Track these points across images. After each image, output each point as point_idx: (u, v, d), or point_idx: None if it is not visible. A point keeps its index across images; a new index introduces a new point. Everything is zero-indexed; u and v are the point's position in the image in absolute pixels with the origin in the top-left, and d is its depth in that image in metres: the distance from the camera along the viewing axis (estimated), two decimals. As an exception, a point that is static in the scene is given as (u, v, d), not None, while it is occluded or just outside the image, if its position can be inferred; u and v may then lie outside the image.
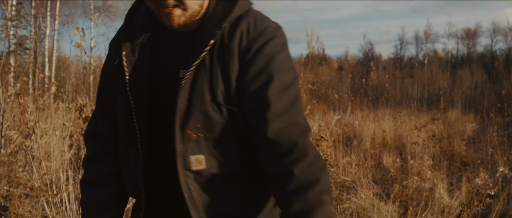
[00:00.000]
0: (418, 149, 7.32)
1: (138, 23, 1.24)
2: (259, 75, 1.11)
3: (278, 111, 1.10)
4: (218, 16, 1.17)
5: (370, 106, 17.97)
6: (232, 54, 1.13)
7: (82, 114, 5.10)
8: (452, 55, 44.01)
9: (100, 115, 1.33)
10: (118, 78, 1.21)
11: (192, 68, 1.11)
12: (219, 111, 1.13)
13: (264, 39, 1.14)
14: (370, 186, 5.35)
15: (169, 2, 1.11)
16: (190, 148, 1.14)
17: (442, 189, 4.70)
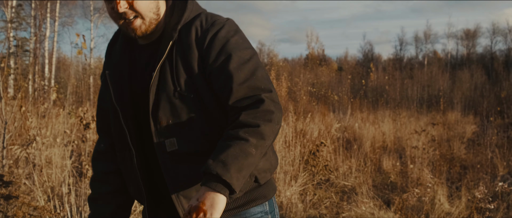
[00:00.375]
0: (418, 154, 7.33)
1: (117, 48, 1.50)
2: (219, 56, 1.32)
3: (241, 80, 1.30)
4: (173, 22, 1.40)
5: (370, 108, 17.98)
6: (190, 46, 1.35)
7: (83, 121, 5.12)
8: (452, 56, 44.04)
9: (100, 132, 1.60)
10: (106, 94, 1.48)
11: (157, 68, 1.34)
12: (181, 99, 1.34)
13: (216, 28, 1.36)
14: (370, 192, 5.36)
15: (128, 15, 1.35)
16: (162, 133, 1.35)
17: (442, 197, 4.71)
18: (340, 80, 30.28)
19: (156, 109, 1.35)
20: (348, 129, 11.19)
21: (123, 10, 1.34)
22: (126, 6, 1.34)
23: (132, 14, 1.35)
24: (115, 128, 1.46)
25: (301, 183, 5.77)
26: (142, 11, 1.36)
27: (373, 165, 7.74)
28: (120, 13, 1.34)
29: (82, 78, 19.66)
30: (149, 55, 1.43)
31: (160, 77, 1.35)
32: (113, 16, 1.37)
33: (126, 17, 1.35)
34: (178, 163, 1.36)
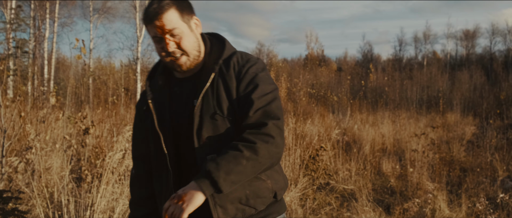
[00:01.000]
0: (418, 157, 7.32)
1: (157, 79, 1.74)
2: (248, 86, 1.60)
3: (257, 108, 1.56)
4: (214, 58, 1.68)
5: (369, 109, 17.97)
6: (231, 78, 1.62)
7: (83, 126, 5.10)
8: (451, 56, 44.05)
9: (135, 160, 1.84)
10: (148, 119, 1.71)
11: (201, 95, 1.60)
12: (222, 120, 1.59)
13: (249, 64, 1.65)
14: (370, 197, 5.35)
15: (176, 53, 1.62)
16: (204, 149, 1.58)
17: (442, 203, 4.70)
18: (340, 80, 30.29)
19: (200, 128, 1.59)
20: (348, 131, 11.19)
21: (172, 50, 1.60)
22: (175, 46, 1.61)
23: (179, 52, 1.62)
24: (155, 152, 1.70)
25: (301, 188, 5.77)
26: (188, 49, 1.63)
27: (373, 168, 7.74)
28: (169, 51, 1.61)
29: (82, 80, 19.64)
30: (190, 87, 1.68)
31: (203, 103, 1.61)
32: (161, 54, 1.64)
33: (173, 55, 1.62)
34: None
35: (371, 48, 51.50)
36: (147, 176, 1.79)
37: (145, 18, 1.61)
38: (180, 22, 1.61)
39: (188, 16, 1.65)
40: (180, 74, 1.72)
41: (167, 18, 1.58)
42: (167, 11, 1.58)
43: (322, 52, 49.63)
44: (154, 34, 1.62)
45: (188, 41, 1.62)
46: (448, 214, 4.71)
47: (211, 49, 1.73)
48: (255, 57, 1.71)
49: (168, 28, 1.58)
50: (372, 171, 7.50)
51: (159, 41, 1.61)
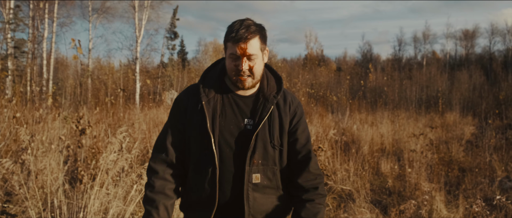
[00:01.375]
0: (416, 157, 7.29)
1: (210, 83, 1.97)
2: (303, 133, 1.99)
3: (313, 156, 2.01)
4: (271, 89, 1.98)
5: (369, 109, 17.93)
6: (286, 114, 1.96)
7: (79, 126, 5.08)
8: (451, 56, 44.01)
9: (170, 145, 1.98)
10: (197, 117, 1.92)
11: (262, 122, 1.89)
12: (273, 149, 1.92)
13: (301, 109, 2.02)
14: (368, 198, 5.32)
15: (245, 73, 1.87)
16: (253, 169, 1.90)
17: (440, 202, 4.67)
18: (339, 80, 30.24)
19: (254, 152, 1.89)
20: (346, 131, 11.15)
21: (244, 70, 1.86)
22: (248, 67, 1.86)
23: (247, 73, 1.87)
24: (201, 148, 1.91)
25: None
26: (256, 73, 1.89)
27: (371, 169, 7.71)
28: (241, 70, 1.85)
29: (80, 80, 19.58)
30: (244, 105, 1.95)
31: (260, 130, 1.89)
32: (232, 69, 1.88)
33: (243, 74, 1.87)
34: (255, 191, 1.91)
35: (371, 48, 51.47)
36: (176, 162, 1.98)
37: (232, 37, 1.83)
38: (259, 50, 1.88)
39: (264, 46, 1.93)
40: (236, 88, 1.96)
41: (251, 44, 1.85)
42: (254, 38, 1.85)
43: (321, 52, 49.60)
44: (234, 52, 1.85)
45: (258, 67, 1.90)
46: (446, 215, 4.69)
47: (269, 80, 2.02)
48: (299, 101, 2.07)
49: (249, 52, 1.84)
50: (370, 172, 7.47)
51: (235, 59, 1.86)
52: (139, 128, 7.44)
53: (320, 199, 1.96)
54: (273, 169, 1.94)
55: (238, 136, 1.91)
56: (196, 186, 1.95)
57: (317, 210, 1.94)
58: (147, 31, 25.48)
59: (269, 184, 1.94)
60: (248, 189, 1.90)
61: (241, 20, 1.89)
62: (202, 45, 46.71)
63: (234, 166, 1.90)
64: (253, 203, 1.91)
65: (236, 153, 1.90)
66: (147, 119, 9.20)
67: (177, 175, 1.99)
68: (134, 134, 6.83)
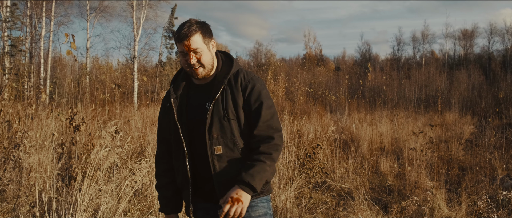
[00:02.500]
0: (416, 156, 7.20)
1: (178, 83, 2.32)
2: (256, 102, 2.20)
3: (264, 120, 2.19)
4: (224, 72, 2.27)
5: (367, 108, 17.85)
6: (238, 90, 2.21)
7: (73, 123, 4.98)
8: (449, 56, 43.96)
9: (160, 143, 2.38)
10: (170, 112, 2.28)
11: (214, 101, 2.17)
12: (228, 121, 2.17)
13: (253, 82, 2.24)
14: (367, 196, 5.23)
15: (195, 65, 2.18)
16: (214, 142, 2.17)
17: (441, 201, 4.58)
18: (338, 80, 30.17)
19: (211, 127, 2.17)
20: (345, 130, 11.06)
21: (193, 63, 2.17)
22: (196, 60, 2.18)
23: (198, 65, 2.19)
24: (174, 138, 2.25)
25: (296, 186, 5.65)
26: (205, 63, 2.20)
27: (371, 167, 7.62)
28: (191, 64, 2.17)
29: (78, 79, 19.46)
30: (203, 92, 2.25)
31: (214, 107, 2.17)
32: (184, 64, 2.20)
33: (194, 67, 2.18)
34: (220, 162, 2.16)
35: (369, 47, 51.44)
36: (168, 155, 2.35)
37: (177, 37, 2.17)
38: (202, 43, 2.18)
39: (208, 39, 2.22)
40: (197, 80, 2.28)
41: (193, 40, 2.16)
42: (194, 35, 2.16)
43: (320, 52, 49.54)
44: (181, 50, 2.17)
45: (206, 57, 2.19)
46: (447, 213, 4.60)
47: (223, 65, 2.31)
48: (256, 76, 2.28)
49: (193, 47, 2.15)
50: (369, 170, 7.38)
51: (185, 55, 2.18)
52: (135, 126, 7.34)
53: (259, 156, 2.14)
54: (233, 140, 2.18)
55: (201, 119, 2.19)
56: (176, 170, 2.29)
57: (252, 165, 2.11)
58: (145, 30, 25.37)
59: (232, 154, 2.18)
60: (213, 161, 2.17)
61: (184, 22, 2.21)
62: (201, 45, 46.54)
63: (201, 145, 2.19)
64: (219, 172, 2.16)
65: (201, 134, 2.19)
66: (144, 117, 9.11)
67: (170, 169, 2.35)
68: (130, 131, 6.74)
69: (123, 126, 6.46)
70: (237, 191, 2.07)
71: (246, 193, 2.08)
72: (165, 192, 2.37)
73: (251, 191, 2.09)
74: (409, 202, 4.35)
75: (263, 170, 2.11)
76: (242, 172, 2.10)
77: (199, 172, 2.24)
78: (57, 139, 4.68)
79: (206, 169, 2.20)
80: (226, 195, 2.07)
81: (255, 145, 2.18)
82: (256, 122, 2.17)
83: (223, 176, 2.17)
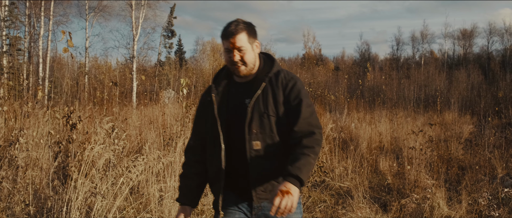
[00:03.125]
0: (415, 154, 7.16)
1: (220, 79, 2.40)
2: (295, 99, 2.25)
3: (304, 117, 2.22)
4: (264, 71, 2.34)
5: (367, 108, 17.81)
6: (278, 88, 2.27)
7: (69, 121, 4.93)
8: (449, 56, 43.94)
9: (193, 134, 2.47)
10: (210, 107, 2.35)
11: (254, 97, 2.25)
12: (267, 118, 2.23)
13: (294, 81, 2.31)
14: (366, 195, 5.19)
15: (238, 63, 2.26)
16: (252, 137, 2.22)
17: (441, 199, 4.54)
18: (337, 79, 30.15)
19: (250, 122, 2.22)
20: (345, 129, 11.02)
21: (236, 60, 2.25)
22: (239, 58, 2.25)
23: (240, 63, 2.26)
24: (211, 132, 2.31)
25: (295, 185, 5.60)
26: (248, 61, 2.27)
27: (370, 166, 7.58)
28: (234, 61, 2.24)
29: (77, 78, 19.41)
30: (244, 89, 2.32)
31: (254, 103, 2.24)
32: (227, 61, 2.28)
33: (237, 64, 2.26)
34: (257, 157, 2.21)
35: (369, 47, 51.41)
36: (201, 147, 2.41)
37: (223, 35, 2.25)
38: (247, 42, 2.26)
39: (253, 39, 2.31)
40: (238, 78, 2.36)
41: (239, 38, 2.24)
42: (240, 33, 2.24)
43: (319, 52, 49.54)
44: (227, 47, 2.26)
45: (249, 56, 2.27)
46: (447, 212, 4.56)
47: (264, 65, 2.38)
48: (296, 76, 2.36)
49: (237, 45, 2.24)
50: (369, 169, 7.34)
51: (229, 52, 2.26)
52: (133, 125, 7.30)
53: (303, 149, 2.14)
54: (271, 136, 2.23)
55: (240, 115, 2.25)
56: (210, 164, 2.34)
57: (298, 157, 2.11)
58: (144, 29, 25.37)
59: (269, 150, 2.23)
60: (251, 155, 2.22)
61: (232, 21, 2.30)
62: (200, 44, 46.54)
63: (239, 141, 2.23)
64: (256, 167, 2.22)
65: (239, 129, 2.23)
66: (142, 116, 9.06)
67: (200, 160, 2.42)
68: (128, 129, 6.70)
69: (120, 124, 6.42)
70: (285, 184, 2.03)
71: (295, 186, 2.04)
72: (189, 182, 2.43)
73: (299, 183, 2.06)
74: (409, 200, 4.31)
75: (309, 163, 2.11)
76: (288, 166, 2.08)
77: (234, 167, 2.28)
78: (53, 137, 4.63)
79: (242, 164, 2.24)
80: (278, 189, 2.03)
81: (297, 140, 2.19)
82: (296, 120, 2.22)
83: (259, 171, 2.22)
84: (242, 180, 2.27)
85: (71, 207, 3.14)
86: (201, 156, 2.42)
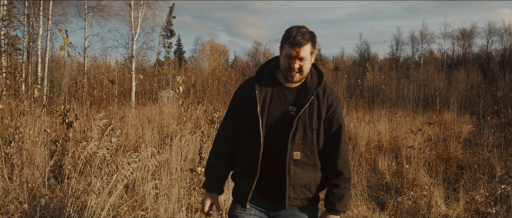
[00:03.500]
0: (414, 153, 7.14)
1: (264, 77, 2.42)
2: (336, 123, 2.36)
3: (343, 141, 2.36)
4: (314, 83, 2.39)
5: (366, 107, 17.79)
6: (324, 104, 2.34)
7: (66, 119, 4.90)
8: (448, 56, 43.93)
9: (226, 124, 2.49)
10: (251, 103, 2.36)
11: (303, 109, 2.30)
12: (311, 131, 2.30)
13: (337, 102, 2.39)
14: (364, 193, 5.17)
15: (296, 70, 2.31)
16: (294, 148, 2.28)
17: (439, 198, 4.51)
18: (336, 79, 30.11)
19: (295, 133, 2.28)
20: (343, 128, 10.95)
21: (295, 67, 2.29)
22: (298, 66, 2.30)
23: (297, 70, 2.31)
24: (250, 129, 2.32)
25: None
26: (304, 71, 2.33)
27: (368, 165, 7.56)
28: (292, 68, 2.29)
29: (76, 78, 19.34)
30: (290, 95, 2.37)
31: (301, 115, 2.29)
32: (285, 66, 2.31)
33: (294, 71, 2.30)
34: (296, 166, 2.29)
35: (368, 47, 51.39)
36: (232, 139, 2.45)
37: (290, 42, 2.26)
38: (309, 53, 2.32)
39: (313, 50, 2.35)
40: (285, 81, 2.39)
41: (304, 49, 2.28)
42: (306, 45, 2.28)
43: (319, 52, 49.47)
44: (289, 53, 2.29)
45: (307, 66, 2.33)
46: (445, 210, 4.54)
47: (312, 75, 2.42)
48: (338, 95, 2.47)
49: (301, 55, 2.28)
50: (367, 168, 7.32)
51: (290, 59, 2.30)
52: (131, 124, 7.27)
53: (345, 184, 2.34)
54: (311, 149, 2.31)
55: (283, 120, 2.30)
56: (243, 159, 2.38)
57: (342, 194, 2.33)
58: (143, 29, 25.31)
59: (308, 161, 2.31)
60: (290, 164, 2.28)
61: (298, 27, 2.33)
62: (199, 44, 46.49)
63: (277, 144, 2.29)
64: (294, 176, 2.29)
65: (280, 134, 2.29)
66: (139, 115, 9.03)
67: (230, 152, 2.46)
68: (125, 128, 6.67)
69: (117, 123, 6.39)
70: (331, 217, 2.36)
71: (338, 216, 2.38)
72: (216, 172, 2.50)
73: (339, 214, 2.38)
74: (406, 197, 4.29)
75: (349, 196, 2.42)
76: (335, 202, 2.34)
77: (268, 169, 2.33)
78: (49, 135, 4.60)
79: (277, 169, 2.31)
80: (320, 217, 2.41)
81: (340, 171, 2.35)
82: (337, 144, 2.34)
83: (296, 180, 2.30)
84: (274, 182, 2.34)
85: (65, 204, 3.11)
86: (231, 148, 2.46)
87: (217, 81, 24.26)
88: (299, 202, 2.36)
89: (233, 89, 20.08)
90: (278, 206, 2.38)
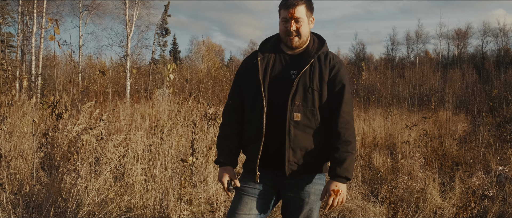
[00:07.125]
0: (409, 149, 7.09)
1: (268, 46, 2.49)
2: (340, 83, 2.35)
3: (346, 101, 2.33)
4: (314, 49, 2.43)
5: (361, 106, 17.76)
6: (326, 67, 2.36)
7: (55, 110, 4.81)
8: (443, 56, 44.05)
9: (233, 94, 2.53)
10: (253, 70, 2.42)
11: (302, 71, 2.33)
12: (311, 92, 2.30)
13: (340, 65, 2.40)
14: (358, 186, 5.11)
15: (293, 34, 2.36)
16: (294, 109, 2.30)
17: (434, 190, 4.46)
18: (332, 79, 29.97)
19: (295, 94, 2.30)
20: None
21: (292, 30, 2.34)
22: (295, 28, 2.35)
23: (295, 33, 2.36)
24: (254, 93, 2.36)
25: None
26: (302, 34, 2.38)
27: (363, 161, 7.51)
28: (290, 31, 2.35)
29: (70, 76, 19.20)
30: (291, 61, 2.41)
31: (301, 76, 2.31)
32: (283, 31, 2.38)
33: (291, 34, 2.36)
34: (296, 128, 2.29)
35: (364, 47, 51.47)
36: (240, 108, 2.48)
37: (283, 4, 2.34)
38: (304, 15, 2.35)
39: (310, 14, 2.40)
40: (287, 49, 2.45)
41: (298, 10, 2.33)
42: (300, 5, 2.33)
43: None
44: (284, 16, 2.35)
45: (304, 29, 2.37)
46: (440, 203, 4.49)
47: (314, 42, 2.47)
48: (342, 61, 2.47)
49: (296, 16, 2.33)
50: (362, 163, 7.27)
51: (286, 22, 2.36)
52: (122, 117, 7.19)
53: (346, 147, 2.27)
54: (313, 111, 2.31)
55: (284, 83, 2.33)
56: (249, 125, 2.40)
57: (343, 158, 2.26)
58: (138, 27, 25.17)
59: (309, 124, 2.31)
60: (290, 126, 2.28)
61: None
62: (195, 44, 46.38)
63: (279, 107, 2.30)
64: (294, 138, 2.28)
65: (281, 96, 2.31)
66: (133, 110, 8.95)
67: (239, 121, 2.48)
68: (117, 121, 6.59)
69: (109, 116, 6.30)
70: (335, 184, 2.26)
71: (343, 184, 2.28)
72: (229, 142, 2.48)
73: (346, 180, 2.29)
74: (400, 181, 4.23)
75: (353, 160, 2.29)
76: (336, 167, 2.26)
77: (271, 133, 2.32)
78: (38, 126, 4.51)
79: (278, 132, 2.31)
80: (325, 188, 2.31)
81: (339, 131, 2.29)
82: (338, 105, 2.32)
83: (297, 143, 2.29)
84: (274, 149, 2.33)
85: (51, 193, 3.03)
86: (239, 117, 2.48)
87: (213, 80, 24.19)
88: (300, 168, 2.32)
89: (228, 88, 20.03)
90: (281, 176, 2.35)
